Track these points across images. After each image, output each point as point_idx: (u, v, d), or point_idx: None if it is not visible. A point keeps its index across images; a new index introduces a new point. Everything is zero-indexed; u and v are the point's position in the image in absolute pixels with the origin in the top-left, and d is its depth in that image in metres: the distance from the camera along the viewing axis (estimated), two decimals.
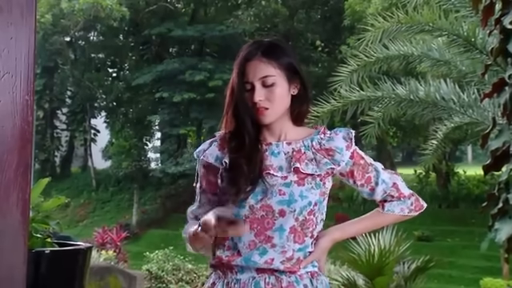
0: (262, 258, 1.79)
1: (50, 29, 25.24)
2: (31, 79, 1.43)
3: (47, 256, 2.23)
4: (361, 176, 1.91)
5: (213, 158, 1.88)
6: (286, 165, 1.83)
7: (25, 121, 1.41)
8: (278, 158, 1.84)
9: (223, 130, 1.91)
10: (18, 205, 1.39)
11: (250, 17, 23.77)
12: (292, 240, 1.80)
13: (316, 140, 1.88)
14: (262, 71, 1.83)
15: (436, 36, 7.70)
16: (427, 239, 18.03)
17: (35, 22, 1.44)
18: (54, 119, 30.92)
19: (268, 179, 1.81)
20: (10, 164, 1.38)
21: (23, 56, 1.42)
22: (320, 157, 1.85)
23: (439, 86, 7.39)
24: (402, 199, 1.95)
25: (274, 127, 1.88)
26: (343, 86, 7.88)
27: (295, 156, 1.84)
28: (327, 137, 1.89)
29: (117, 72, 30.76)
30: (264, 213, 1.80)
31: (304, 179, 1.82)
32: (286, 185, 1.81)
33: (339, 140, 1.89)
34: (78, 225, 25.27)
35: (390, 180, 1.94)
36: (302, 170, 1.82)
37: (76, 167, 32.16)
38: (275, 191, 1.80)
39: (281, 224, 1.80)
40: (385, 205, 1.95)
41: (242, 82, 1.84)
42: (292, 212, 1.80)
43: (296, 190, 1.81)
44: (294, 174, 1.82)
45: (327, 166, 1.85)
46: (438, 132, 8.20)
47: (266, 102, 1.82)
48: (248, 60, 1.84)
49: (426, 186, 23.07)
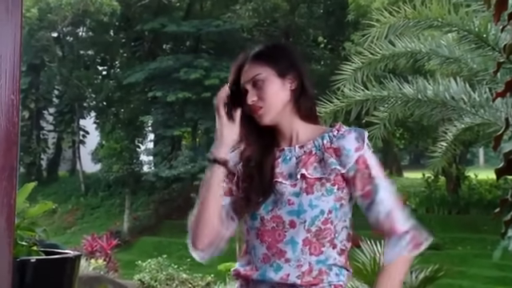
0: (277, 275, 1.79)
1: (37, 24, 25.24)
2: (17, 78, 1.43)
3: (33, 265, 2.23)
4: (361, 186, 1.84)
5: (233, 162, 1.90)
6: (295, 171, 1.83)
7: (10, 122, 1.41)
8: (288, 164, 1.84)
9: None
10: (3, 211, 1.39)
11: (249, 11, 23.79)
12: (307, 253, 1.80)
13: (327, 138, 1.85)
14: (250, 73, 1.87)
15: (445, 32, 7.70)
16: (436, 247, 18.00)
17: (21, 18, 1.44)
18: (40, 120, 30.92)
19: (278, 188, 1.81)
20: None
21: (8, 53, 1.42)
22: (327, 156, 1.82)
23: (449, 84, 7.40)
24: (394, 238, 1.84)
25: (285, 129, 1.89)
26: (347, 84, 7.88)
27: (303, 160, 1.83)
28: (340, 134, 1.85)
29: (107, 70, 30.77)
30: (275, 224, 1.81)
31: (313, 186, 1.80)
32: (295, 194, 1.80)
33: (350, 140, 1.84)
34: (66, 232, 25.25)
35: (388, 207, 1.84)
36: (308, 175, 1.80)
37: (64, 171, 32.14)
38: (285, 201, 1.80)
39: (292, 236, 1.80)
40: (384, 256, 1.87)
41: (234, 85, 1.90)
42: (302, 223, 1.79)
43: (305, 199, 1.80)
44: (302, 180, 1.80)
45: (332, 166, 1.81)
46: (447, 133, 8.20)
47: (259, 102, 1.85)
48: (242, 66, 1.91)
49: (435, 191, 23.09)
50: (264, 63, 1.87)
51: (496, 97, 3.13)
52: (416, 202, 23.03)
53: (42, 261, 2.28)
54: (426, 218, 21.69)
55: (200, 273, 10.56)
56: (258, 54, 1.91)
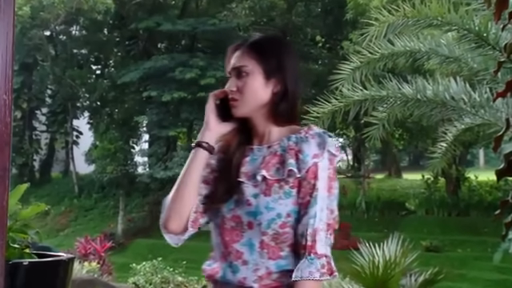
0: (235, 277, 1.80)
1: (29, 22, 25.20)
2: (9, 77, 1.43)
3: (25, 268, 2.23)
4: (303, 195, 1.78)
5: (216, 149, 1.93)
6: (251, 171, 1.84)
7: (2, 122, 1.41)
8: (254, 164, 1.84)
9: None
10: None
11: (245, 10, 23.79)
12: (266, 256, 1.78)
13: (293, 139, 1.83)
14: (237, 61, 1.88)
15: (445, 31, 7.71)
16: (436, 250, 18.06)
17: (13, 16, 1.44)
18: (32, 120, 30.89)
19: (240, 188, 1.81)
20: None
21: (0, 52, 1.42)
22: (288, 157, 1.80)
23: (448, 84, 7.41)
24: (311, 256, 1.75)
25: (258, 128, 1.89)
26: (345, 84, 7.89)
27: (266, 161, 1.82)
28: (304, 137, 1.83)
29: (101, 69, 30.74)
30: (234, 224, 1.82)
31: (271, 188, 1.79)
32: (254, 195, 1.80)
33: (311, 145, 1.81)
34: (59, 234, 25.22)
35: (318, 225, 1.77)
36: (269, 176, 1.80)
37: (57, 172, 32.11)
38: (244, 201, 1.80)
39: (249, 238, 1.79)
40: (301, 249, 1.77)
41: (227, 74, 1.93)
42: (259, 225, 1.78)
43: (262, 201, 1.78)
44: (262, 181, 1.80)
45: (289, 168, 1.78)
46: (447, 134, 8.21)
47: (236, 93, 1.86)
48: (230, 53, 1.92)
49: (435, 192, 23.13)
50: (255, 56, 1.86)
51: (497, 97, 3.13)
52: (415, 204, 23.06)
53: (34, 264, 2.28)
54: (425, 220, 21.76)
55: (196, 276, 10.55)
56: (252, 45, 1.90)
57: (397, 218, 22.43)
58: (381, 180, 29.89)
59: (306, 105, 9.43)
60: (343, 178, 30.79)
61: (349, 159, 40.66)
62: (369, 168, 29.28)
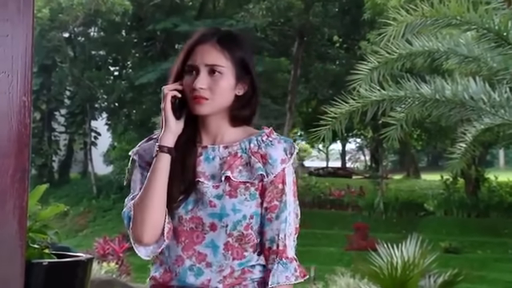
0: (197, 280, 1.76)
1: (48, 24, 25.43)
2: (28, 79, 1.44)
3: (45, 268, 2.24)
4: (269, 199, 1.78)
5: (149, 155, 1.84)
6: (218, 172, 1.78)
7: (22, 123, 1.42)
8: (211, 163, 1.79)
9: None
10: (15, 213, 1.41)
11: (262, 10, 23.79)
12: (230, 258, 1.77)
13: (254, 142, 1.80)
14: (212, 58, 1.79)
15: (464, 30, 7.66)
16: (455, 251, 17.94)
17: (33, 18, 1.45)
18: (51, 121, 31.13)
19: (200, 188, 1.76)
20: (6, 169, 1.40)
21: (20, 54, 1.43)
22: (254, 161, 1.78)
23: (468, 84, 7.36)
24: (284, 261, 1.77)
25: (211, 127, 1.83)
26: (363, 84, 7.86)
27: (228, 162, 1.78)
28: (268, 140, 1.81)
29: (119, 70, 30.93)
30: (193, 225, 1.76)
31: (237, 190, 1.76)
32: (217, 196, 1.76)
33: (279, 150, 1.80)
34: (78, 235, 25.39)
35: (288, 230, 1.79)
36: (233, 178, 1.76)
37: (75, 173, 32.33)
38: (206, 202, 1.75)
39: (212, 239, 1.76)
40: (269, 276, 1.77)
41: (185, 63, 1.81)
42: (224, 227, 1.75)
43: (228, 203, 1.75)
44: (225, 182, 1.76)
45: (259, 172, 1.76)
46: (466, 134, 8.15)
47: (206, 92, 1.77)
48: (200, 42, 1.81)
49: (454, 193, 22.97)
50: (229, 57, 1.80)
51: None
52: (434, 205, 22.92)
53: (53, 264, 2.29)
54: (444, 221, 21.62)
55: None
56: (225, 43, 1.81)
57: (415, 218, 22.30)
58: (399, 181, 29.74)
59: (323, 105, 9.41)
60: (361, 178, 30.72)
61: (366, 160, 40.51)
62: (387, 169, 29.16)
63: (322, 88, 27.04)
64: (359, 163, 43.98)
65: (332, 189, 25.75)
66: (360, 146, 41.92)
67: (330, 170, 34.70)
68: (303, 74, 26.69)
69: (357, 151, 44.76)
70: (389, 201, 23.49)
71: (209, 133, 1.83)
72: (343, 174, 32.96)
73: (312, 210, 24.77)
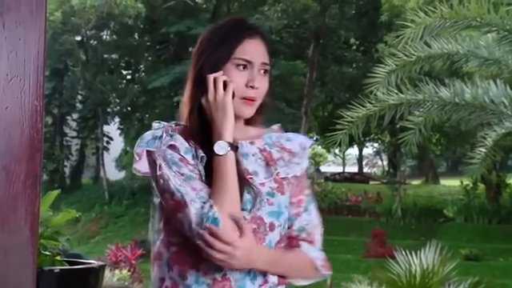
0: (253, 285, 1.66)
1: (60, 27, 25.62)
2: (41, 83, 1.45)
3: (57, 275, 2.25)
4: (297, 193, 1.75)
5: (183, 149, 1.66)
6: (259, 168, 1.70)
7: (34, 128, 1.43)
8: (249, 160, 1.70)
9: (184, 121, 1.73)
10: (27, 219, 1.41)
11: (277, 13, 23.82)
12: None
13: (274, 138, 1.76)
14: (265, 56, 1.72)
15: (484, 32, 7.63)
16: (476, 258, 17.80)
17: (45, 21, 1.46)
18: (63, 126, 31.34)
19: (253, 185, 1.67)
20: (17, 175, 1.40)
21: (32, 58, 1.44)
22: (287, 156, 1.74)
23: (488, 87, 7.32)
24: (314, 248, 1.76)
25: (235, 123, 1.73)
26: (380, 88, 7.84)
27: (267, 157, 1.71)
28: (286, 136, 1.78)
29: (132, 74, 31.08)
30: (256, 226, 1.66)
31: (283, 186, 1.72)
32: (270, 193, 1.69)
33: (298, 144, 1.77)
34: (90, 241, 25.49)
35: (316, 220, 1.80)
36: (285, 173, 1.72)
37: (87, 178, 32.49)
38: (264, 200, 1.68)
39: (270, 240, 1.69)
40: (300, 243, 1.75)
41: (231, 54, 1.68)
42: (279, 226, 1.70)
43: (282, 200, 1.71)
44: (272, 179, 1.71)
45: (296, 168, 1.74)
46: (486, 139, 8.10)
47: (258, 93, 1.71)
48: (250, 36, 1.71)
49: (474, 199, 22.81)
50: (270, 54, 1.75)
51: None
52: (454, 211, 22.78)
53: (65, 271, 2.30)
54: (464, 228, 21.47)
55: None
56: (267, 39, 1.76)
57: (434, 225, 22.18)
58: (417, 186, 29.59)
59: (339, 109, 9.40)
60: (378, 184, 30.60)
61: (384, 165, 40.37)
62: (405, 174, 29.03)
63: (338, 91, 27.01)
64: (376, 168, 43.83)
65: (349, 194, 25.67)
66: (377, 151, 41.79)
67: (346, 176, 34.61)
68: (319, 78, 26.67)
69: (374, 156, 44.62)
70: (407, 207, 23.38)
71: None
72: (360, 180, 32.85)
73: (328, 216, 24.69)
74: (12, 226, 1.40)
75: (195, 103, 1.71)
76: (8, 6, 1.41)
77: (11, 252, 1.40)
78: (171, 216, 1.63)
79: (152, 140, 1.68)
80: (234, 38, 1.70)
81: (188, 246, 1.61)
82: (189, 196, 1.58)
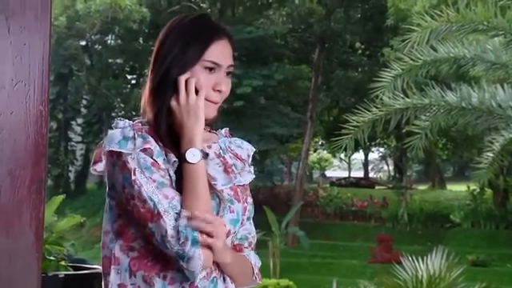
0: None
1: (65, 32, 25.71)
2: (46, 88, 1.45)
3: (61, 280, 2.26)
4: (243, 200, 1.69)
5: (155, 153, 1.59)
6: (218, 174, 1.65)
7: (39, 133, 1.44)
8: (208, 165, 1.64)
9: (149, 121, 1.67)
10: (32, 224, 1.42)
11: (282, 17, 23.87)
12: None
13: (226, 142, 1.73)
14: (231, 58, 1.69)
15: (491, 36, 7.62)
16: (483, 264, 17.74)
17: (50, 26, 1.47)
18: (68, 131, 31.42)
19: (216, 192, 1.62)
20: (22, 180, 1.41)
21: (37, 63, 1.45)
22: (240, 164, 1.70)
23: (495, 91, 7.30)
24: (254, 253, 1.73)
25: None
26: (386, 92, 7.84)
27: (224, 163, 1.67)
28: (235, 141, 1.75)
29: (136, 78, 31.12)
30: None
31: (238, 193, 1.67)
32: (230, 201, 1.64)
33: (246, 151, 1.75)
34: (94, 246, 25.47)
35: (253, 228, 1.74)
36: (238, 181, 1.68)
37: (92, 183, 32.52)
38: (226, 207, 1.63)
39: None
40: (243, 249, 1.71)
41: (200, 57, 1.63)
42: (233, 233, 1.66)
43: (239, 208, 1.66)
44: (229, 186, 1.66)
45: (250, 176, 1.72)
46: (494, 143, 8.08)
47: (220, 96, 1.68)
48: (219, 37, 1.67)
49: (481, 204, 22.75)
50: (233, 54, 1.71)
51: None
52: (461, 216, 22.72)
53: (70, 276, 2.31)
54: (471, 233, 21.41)
55: None
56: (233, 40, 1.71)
57: (441, 230, 22.13)
58: (424, 191, 29.53)
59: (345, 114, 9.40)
60: (384, 189, 30.54)
61: (390, 170, 40.29)
62: (411, 179, 28.99)
63: (343, 96, 27.00)
64: (382, 173, 43.78)
65: (354, 199, 25.63)
66: (383, 156, 41.74)
67: (352, 180, 34.58)
68: (324, 82, 26.67)
69: (380, 161, 44.57)
70: (413, 212, 23.34)
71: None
72: (366, 185, 32.82)
73: (334, 221, 24.68)
74: (17, 231, 1.40)
75: (163, 105, 1.65)
76: (13, 11, 1.42)
77: (16, 257, 1.41)
78: (139, 223, 1.55)
79: (123, 140, 1.60)
80: (203, 39, 1.65)
81: (153, 252, 1.56)
82: (162, 205, 1.52)
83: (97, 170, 1.66)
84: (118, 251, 1.60)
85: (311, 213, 25.03)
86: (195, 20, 1.72)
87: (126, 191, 1.56)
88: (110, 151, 1.60)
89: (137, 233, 1.58)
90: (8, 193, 1.39)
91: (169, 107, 1.64)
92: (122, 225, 1.61)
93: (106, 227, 1.65)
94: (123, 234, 1.60)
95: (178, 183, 1.58)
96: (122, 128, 1.65)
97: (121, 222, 1.62)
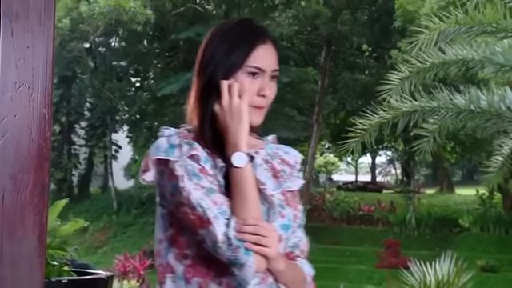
0: None
1: (68, 35, 25.76)
2: (49, 91, 1.46)
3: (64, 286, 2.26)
4: (294, 207, 1.71)
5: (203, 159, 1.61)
6: (267, 179, 1.66)
7: (42, 137, 1.44)
8: (256, 170, 1.66)
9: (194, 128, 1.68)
10: (35, 229, 1.42)
11: (288, 19, 23.86)
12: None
13: (273, 148, 1.75)
14: (276, 62, 1.70)
15: (500, 38, 7.60)
16: (493, 270, 17.67)
17: (54, 29, 1.47)
18: (71, 134, 31.46)
19: (267, 197, 1.64)
20: (25, 184, 1.41)
21: (41, 66, 1.45)
22: (288, 169, 1.73)
23: (504, 94, 7.29)
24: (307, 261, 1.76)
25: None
26: (393, 95, 7.83)
27: (273, 169, 1.69)
28: (283, 148, 1.78)
29: (140, 81, 31.18)
30: None
31: (288, 199, 1.69)
32: (281, 206, 1.66)
33: (296, 157, 1.78)
34: (98, 251, 25.54)
35: (304, 235, 1.76)
36: (288, 186, 1.70)
37: (95, 187, 32.58)
38: (276, 212, 1.65)
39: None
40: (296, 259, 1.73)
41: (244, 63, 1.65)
42: (286, 239, 1.67)
43: (290, 213, 1.68)
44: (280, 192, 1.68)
45: (298, 181, 1.74)
46: (503, 147, 8.07)
47: (265, 101, 1.69)
48: (263, 42, 1.68)
49: (490, 209, 22.69)
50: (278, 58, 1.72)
51: None
52: (469, 221, 22.66)
53: (73, 281, 2.31)
54: (480, 238, 21.34)
55: None
56: (277, 44, 1.73)
57: (449, 235, 22.07)
58: (432, 195, 29.47)
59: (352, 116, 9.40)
60: (392, 193, 30.49)
61: (397, 173, 40.23)
62: (419, 183, 28.91)
63: (350, 99, 26.98)
64: (390, 177, 43.69)
65: (361, 204, 25.60)
66: (391, 159, 41.66)
67: (359, 184, 34.56)
68: (331, 84, 26.66)
69: (387, 164, 44.49)
70: (421, 216, 23.28)
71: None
72: (373, 189, 32.78)
73: (341, 225, 24.64)
74: (20, 236, 1.41)
75: (208, 110, 1.66)
76: (16, 14, 1.42)
77: (19, 262, 1.41)
78: (190, 230, 1.58)
79: (170, 148, 1.63)
80: (246, 44, 1.67)
81: (207, 258, 1.57)
82: (211, 212, 1.54)
83: (146, 179, 1.67)
84: (172, 259, 1.62)
85: (318, 217, 24.99)
86: (238, 25, 1.75)
87: (175, 199, 1.59)
88: (158, 160, 1.63)
89: (189, 240, 1.60)
90: (11, 197, 1.39)
91: (213, 112, 1.65)
92: (174, 233, 1.63)
93: (159, 236, 1.67)
94: (176, 242, 1.63)
95: (228, 189, 1.59)
96: (167, 136, 1.67)
97: (173, 231, 1.64)
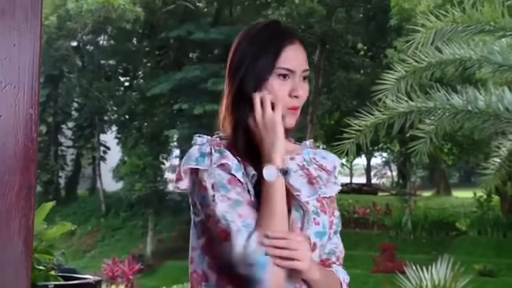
0: None
1: (55, 32, 25.71)
2: (35, 90, 1.45)
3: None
4: (330, 214, 1.72)
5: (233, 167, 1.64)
6: (302, 186, 1.68)
7: (28, 138, 1.44)
8: (291, 176, 1.67)
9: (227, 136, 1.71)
10: (21, 232, 1.41)
11: (282, 17, 23.87)
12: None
13: (310, 153, 1.77)
14: (306, 62, 1.73)
15: (499, 37, 7.63)
16: (490, 274, 17.73)
17: (41, 27, 1.47)
18: (58, 135, 31.39)
19: (302, 203, 1.66)
20: (11, 186, 1.41)
21: (27, 65, 1.45)
22: (325, 175, 1.75)
23: (502, 94, 7.32)
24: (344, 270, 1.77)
25: None
26: (389, 95, 7.85)
27: (308, 175, 1.71)
28: (320, 152, 1.80)
29: (129, 81, 31.16)
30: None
31: (324, 205, 1.71)
32: (315, 213, 1.68)
33: (334, 161, 1.80)
34: (85, 255, 25.49)
35: (340, 241, 1.78)
36: (323, 193, 1.72)
37: (83, 189, 32.51)
38: (311, 219, 1.67)
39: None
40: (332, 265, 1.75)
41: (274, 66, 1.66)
42: (321, 247, 1.69)
43: (325, 220, 1.70)
44: (315, 198, 1.70)
45: (335, 187, 1.76)
46: (501, 148, 8.10)
47: (299, 101, 1.71)
48: (291, 43, 1.70)
49: (488, 212, 22.77)
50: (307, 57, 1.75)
51: None
52: (467, 224, 22.73)
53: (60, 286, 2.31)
54: (478, 242, 21.40)
55: None
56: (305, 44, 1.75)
57: (446, 238, 22.13)
58: (428, 198, 29.55)
59: (346, 117, 9.41)
60: (387, 195, 30.56)
61: (393, 175, 40.33)
62: (415, 185, 29.00)
63: (345, 99, 27.04)
64: (385, 179, 43.79)
65: (356, 206, 25.64)
66: (386, 161, 41.77)
67: (354, 187, 34.57)
68: (325, 84, 26.70)
69: (383, 166, 44.60)
70: (417, 219, 23.34)
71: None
72: (368, 191, 32.86)
73: None
74: (5, 240, 1.40)
75: (240, 120, 1.69)
76: (2, 11, 1.42)
77: (4, 266, 1.40)
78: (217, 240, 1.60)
79: (200, 157, 1.66)
80: (274, 46, 1.68)
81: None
82: (235, 225, 1.56)
83: (179, 187, 1.70)
84: (206, 268, 1.66)
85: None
86: (265, 28, 1.75)
87: (204, 209, 1.63)
88: (190, 169, 1.67)
89: (220, 249, 1.61)
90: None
91: (247, 123, 1.68)
92: (206, 241, 1.67)
93: (193, 243, 1.71)
94: (209, 251, 1.66)
95: (259, 197, 1.61)
96: (199, 145, 1.72)
97: (205, 239, 1.67)
